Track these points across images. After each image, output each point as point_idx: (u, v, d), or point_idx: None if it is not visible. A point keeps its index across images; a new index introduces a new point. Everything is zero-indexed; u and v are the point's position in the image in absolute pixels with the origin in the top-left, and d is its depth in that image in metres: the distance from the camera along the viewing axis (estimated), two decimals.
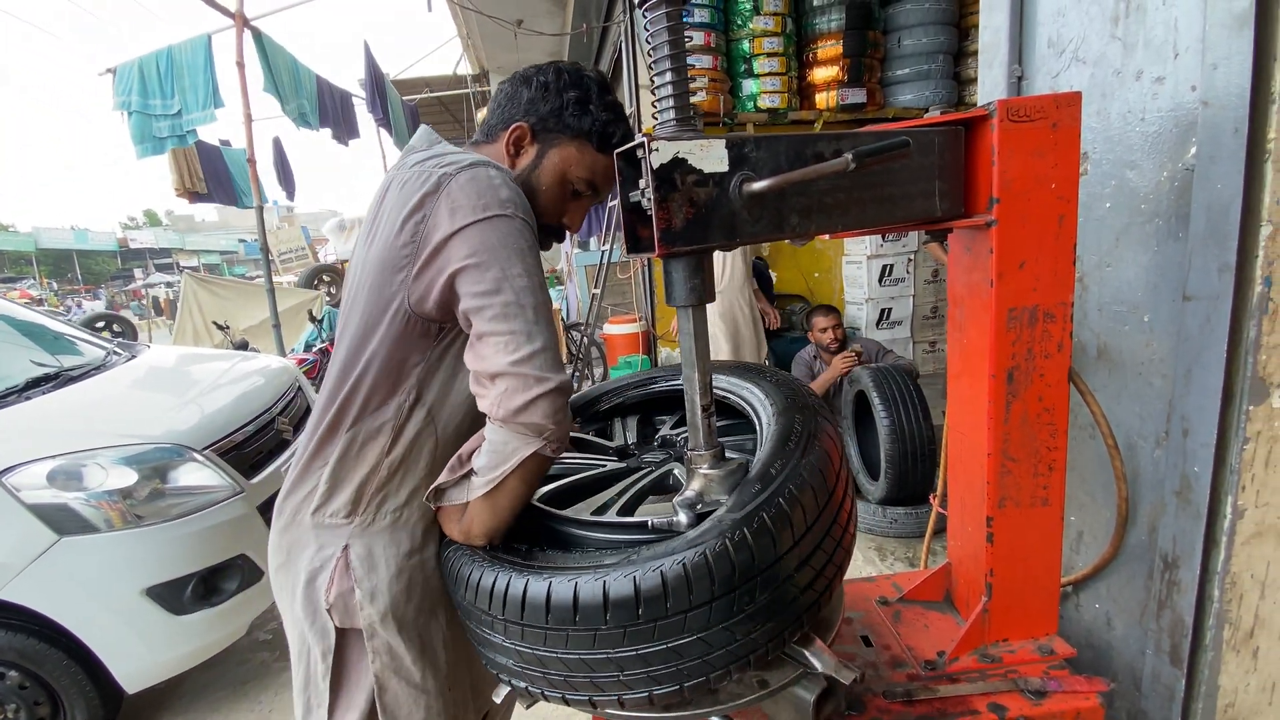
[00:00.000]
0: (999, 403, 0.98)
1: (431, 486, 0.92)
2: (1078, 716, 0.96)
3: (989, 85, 1.41)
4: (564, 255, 7.07)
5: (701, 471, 0.86)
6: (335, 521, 0.97)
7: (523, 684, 0.80)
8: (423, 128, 1.05)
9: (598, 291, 5.36)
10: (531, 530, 0.93)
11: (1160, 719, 1.21)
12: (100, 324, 9.53)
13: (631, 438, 1.20)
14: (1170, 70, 1.07)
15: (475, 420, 0.97)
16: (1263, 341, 0.99)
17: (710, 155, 0.73)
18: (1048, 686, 0.98)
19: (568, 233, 1.08)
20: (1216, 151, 0.99)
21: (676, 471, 0.98)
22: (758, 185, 0.73)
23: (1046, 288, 0.95)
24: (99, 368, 2.58)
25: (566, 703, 0.78)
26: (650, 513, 0.88)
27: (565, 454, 1.13)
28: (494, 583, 0.78)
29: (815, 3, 4.68)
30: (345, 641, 0.98)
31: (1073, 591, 1.42)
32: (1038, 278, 0.94)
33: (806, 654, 0.79)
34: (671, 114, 0.77)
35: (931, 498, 1.77)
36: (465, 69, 8.97)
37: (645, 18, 0.76)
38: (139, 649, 1.91)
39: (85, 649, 1.85)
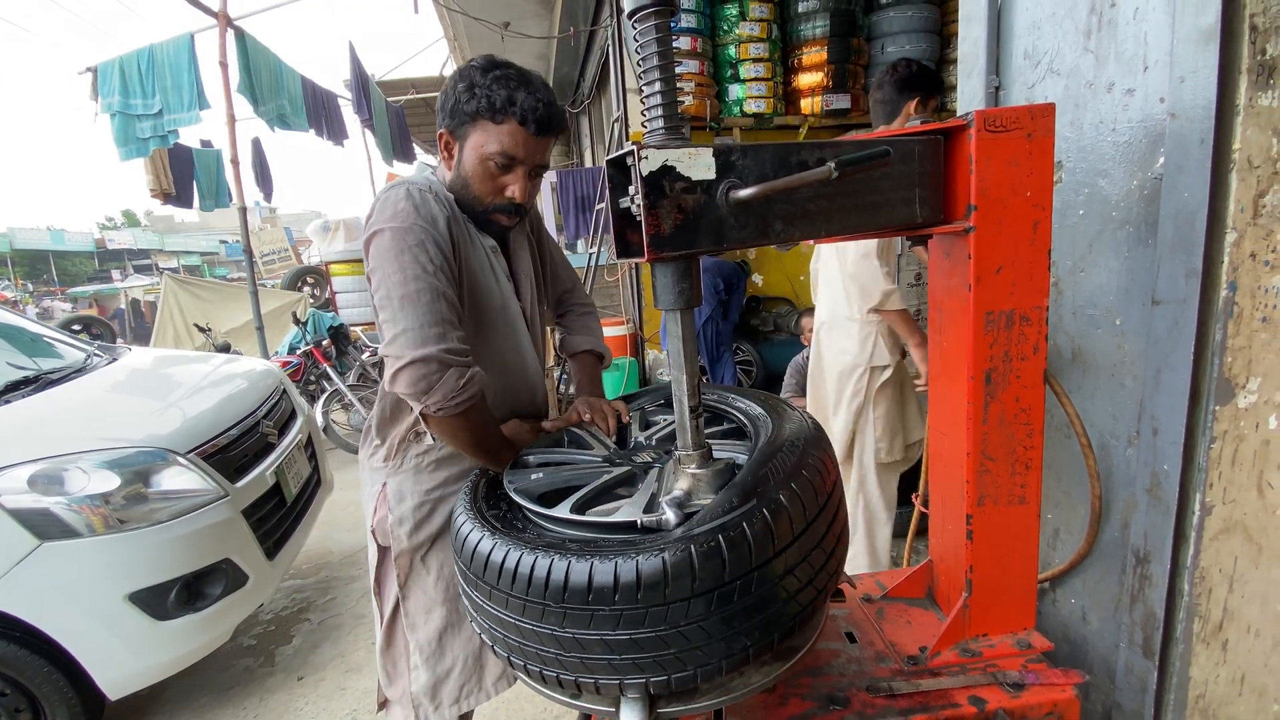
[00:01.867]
0: (977, 403, 1.00)
1: (413, 430, 1.24)
2: (1054, 708, 0.98)
3: (968, 95, 1.44)
4: None
5: (689, 471, 0.87)
6: (378, 464, 1.27)
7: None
8: (418, 162, 1.25)
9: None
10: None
11: (1134, 710, 1.24)
12: (78, 327, 9.36)
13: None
14: (1140, 83, 1.11)
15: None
16: (1228, 344, 1.03)
17: (698, 163, 0.75)
18: (1025, 679, 1.01)
19: (525, 208, 1.20)
20: (1184, 161, 1.03)
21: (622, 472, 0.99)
22: (744, 193, 0.75)
23: (1022, 292, 0.98)
24: (79, 370, 2.54)
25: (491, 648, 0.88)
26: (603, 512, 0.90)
27: (560, 443, 1.18)
28: (458, 525, 0.91)
29: (800, 10, 4.73)
30: (385, 557, 1.28)
31: (1050, 587, 1.46)
32: (1014, 282, 0.97)
33: (623, 699, 0.78)
34: (660, 122, 0.79)
35: (914, 497, 1.80)
36: (452, 70, 8.93)
37: (635, 29, 0.78)
38: (122, 655, 1.89)
39: (67, 655, 1.83)
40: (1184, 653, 1.15)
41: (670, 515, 0.81)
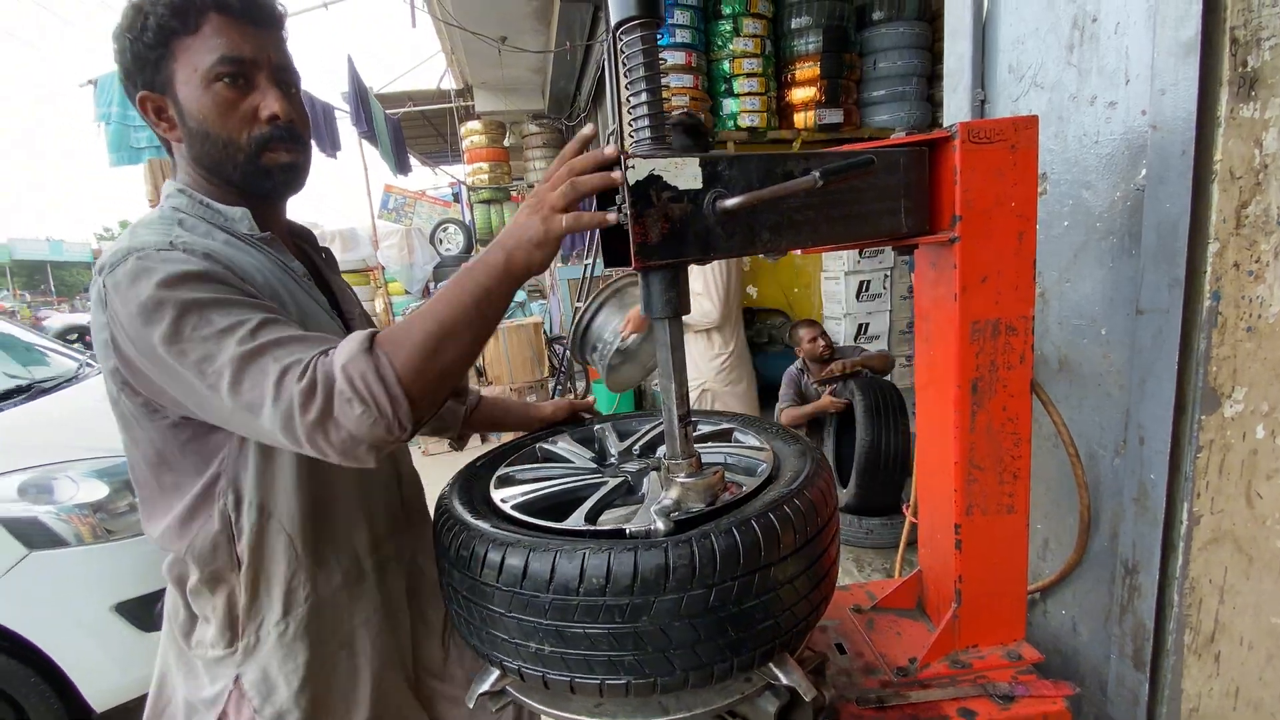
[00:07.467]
0: (964, 413, 1.01)
1: (258, 582, 0.87)
2: None
3: (954, 108, 1.46)
4: (547, 270, 7.10)
5: (679, 480, 0.87)
6: (217, 653, 0.88)
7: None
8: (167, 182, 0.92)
9: (580, 305, 5.38)
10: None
11: None
12: (72, 336, 9.33)
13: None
14: (1122, 95, 1.13)
15: (315, 498, 0.90)
16: (1213, 354, 1.04)
17: (684, 173, 0.76)
18: (1015, 691, 1.00)
19: (294, 128, 0.89)
20: (1165, 172, 1.04)
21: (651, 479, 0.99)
22: (730, 202, 0.76)
23: (1008, 302, 0.98)
24: (71, 379, 2.54)
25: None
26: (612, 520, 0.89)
27: (545, 463, 1.15)
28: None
29: (793, 26, 4.80)
30: None
31: (1040, 598, 1.45)
32: (999, 292, 0.98)
33: (773, 667, 0.80)
34: (647, 133, 0.79)
35: (905, 508, 1.80)
36: (449, 84, 9.02)
37: (621, 40, 0.79)
38: (107, 667, 1.86)
39: (54, 666, 1.81)
40: (1175, 665, 1.15)
41: (660, 525, 0.80)
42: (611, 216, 0.74)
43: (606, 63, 4.99)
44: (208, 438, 0.83)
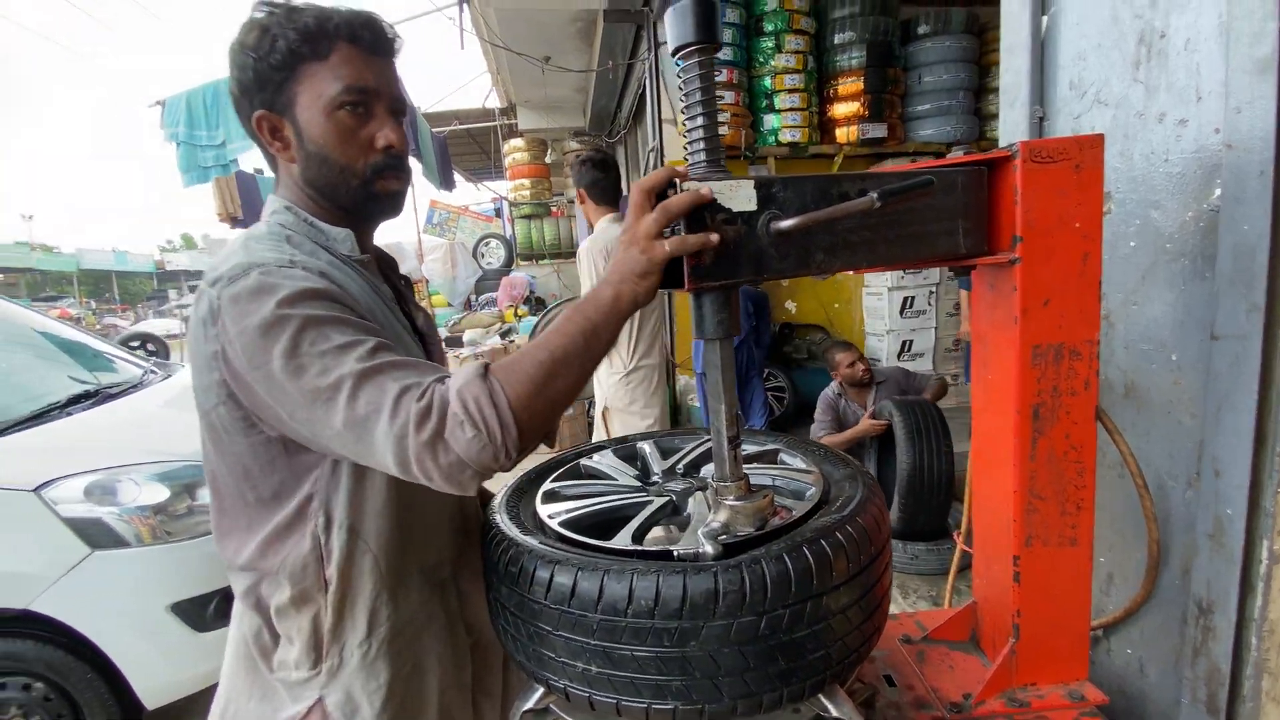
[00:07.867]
0: (1024, 440, 0.97)
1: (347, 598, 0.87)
2: None
3: (1010, 125, 1.43)
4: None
5: (727, 503, 0.86)
6: (301, 676, 0.87)
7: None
8: (270, 197, 0.93)
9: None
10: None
11: None
12: (136, 343, 9.81)
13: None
14: (1193, 113, 1.09)
15: (400, 517, 0.90)
16: None
17: (739, 195, 0.76)
18: None
19: (403, 158, 0.91)
20: (1242, 193, 0.99)
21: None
22: (785, 224, 0.75)
23: (1071, 325, 0.95)
24: (136, 385, 2.66)
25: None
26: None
27: (588, 480, 1.15)
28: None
29: (836, 41, 4.78)
30: None
31: (1103, 635, 1.38)
32: (1062, 315, 0.95)
33: (823, 698, 0.78)
34: (702, 155, 0.80)
35: (955, 535, 1.74)
36: (494, 102, 9.26)
37: (678, 65, 0.79)
38: (160, 665, 1.93)
39: (109, 662, 1.88)
40: (1252, 712, 1.08)
41: (709, 548, 0.79)
42: (715, 237, 0.73)
43: (648, 82, 5.04)
44: (298, 457, 0.83)
